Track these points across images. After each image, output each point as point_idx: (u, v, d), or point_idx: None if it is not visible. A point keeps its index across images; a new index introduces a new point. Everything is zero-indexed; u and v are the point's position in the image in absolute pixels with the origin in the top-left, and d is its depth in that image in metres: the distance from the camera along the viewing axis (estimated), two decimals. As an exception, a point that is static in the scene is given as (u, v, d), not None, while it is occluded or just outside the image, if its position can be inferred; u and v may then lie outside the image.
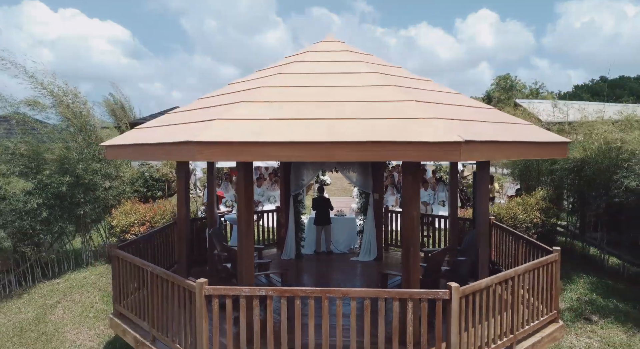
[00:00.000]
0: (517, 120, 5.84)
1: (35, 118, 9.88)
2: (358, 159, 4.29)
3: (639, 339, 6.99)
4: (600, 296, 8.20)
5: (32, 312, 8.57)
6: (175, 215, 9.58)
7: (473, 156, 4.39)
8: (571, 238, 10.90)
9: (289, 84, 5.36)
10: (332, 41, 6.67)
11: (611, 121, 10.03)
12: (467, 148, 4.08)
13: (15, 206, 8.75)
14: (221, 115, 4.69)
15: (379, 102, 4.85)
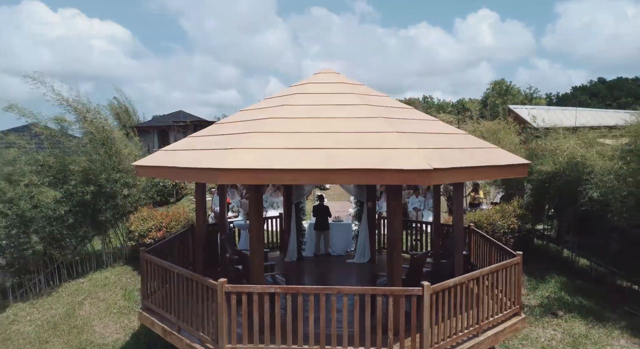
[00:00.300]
0: (486, 144, 6.88)
1: (63, 132, 10.87)
2: (351, 183, 5.36)
3: (596, 330, 8.03)
4: (568, 294, 9.23)
5: (62, 308, 9.60)
6: (189, 221, 10.63)
7: (442, 180, 5.44)
8: (547, 242, 11.93)
9: (293, 115, 6.39)
10: (329, 73, 7.69)
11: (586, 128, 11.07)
12: (437, 174, 5.12)
13: (45, 213, 9.77)
14: (238, 144, 5.72)
15: (368, 133, 5.88)
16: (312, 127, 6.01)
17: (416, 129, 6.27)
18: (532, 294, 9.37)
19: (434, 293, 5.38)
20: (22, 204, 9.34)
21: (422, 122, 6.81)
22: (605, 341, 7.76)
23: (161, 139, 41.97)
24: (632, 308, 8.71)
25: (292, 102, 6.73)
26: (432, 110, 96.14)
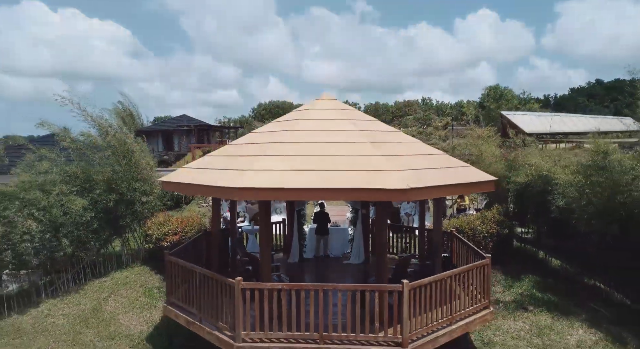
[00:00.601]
0: (459, 164, 8.06)
1: (88, 146, 12.04)
2: (344, 199, 6.52)
3: (560, 322, 9.21)
4: (539, 291, 10.40)
5: (89, 304, 10.78)
6: (202, 226, 11.83)
7: (418, 196, 6.63)
8: (526, 244, 13.11)
9: (297, 139, 7.57)
10: (327, 99, 8.88)
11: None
12: (413, 192, 6.31)
13: (74, 219, 10.95)
14: (250, 166, 6.91)
15: (358, 156, 7.06)
16: (312, 151, 7.19)
17: (399, 152, 7.45)
18: (507, 291, 10.56)
19: (412, 289, 6.56)
20: (55, 212, 10.52)
21: (405, 144, 7.99)
22: (566, 332, 8.94)
23: (165, 142, 43.23)
24: (595, 304, 9.89)
25: (296, 128, 7.91)
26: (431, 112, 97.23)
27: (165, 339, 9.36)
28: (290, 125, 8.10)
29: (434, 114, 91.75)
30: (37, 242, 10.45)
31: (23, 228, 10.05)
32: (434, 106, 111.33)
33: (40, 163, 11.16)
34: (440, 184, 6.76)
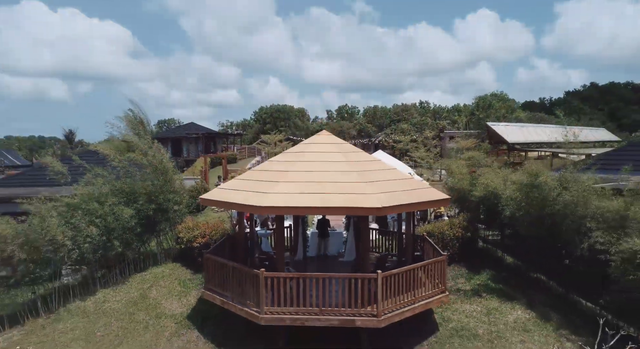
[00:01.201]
0: (423, 185, 10.84)
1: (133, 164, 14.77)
2: (337, 214, 9.27)
3: (504, 305, 11.97)
4: (493, 282, 13.16)
5: (136, 292, 13.53)
6: (224, 231, 14.58)
7: (390, 212, 9.42)
8: (490, 245, 15.86)
9: (302, 169, 10.32)
10: (325, 135, 11.66)
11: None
12: (386, 210, 9.09)
13: (123, 224, 13.70)
14: (270, 189, 9.67)
15: (346, 183, 9.82)
16: (314, 178, 9.95)
17: (377, 178, 10.22)
18: (468, 283, 13.32)
19: (384, 277, 9.32)
20: (109, 219, 13.28)
21: (382, 171, 10.75)
22: (508, 312, 11.71)
23: (174, 149, 46.00)
24: (534, 292, 12.64)
25: (302, 159, 10.68)
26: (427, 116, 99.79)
27: (200, 318, 12.10)
28: (298, 156, 10.86)
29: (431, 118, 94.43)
30: (95, 244, 13.23)
31: (86, 232, 12.81)
32: (431, 109, 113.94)
33: (96, 179, 13.91)
34: (405, 203, 9.53)
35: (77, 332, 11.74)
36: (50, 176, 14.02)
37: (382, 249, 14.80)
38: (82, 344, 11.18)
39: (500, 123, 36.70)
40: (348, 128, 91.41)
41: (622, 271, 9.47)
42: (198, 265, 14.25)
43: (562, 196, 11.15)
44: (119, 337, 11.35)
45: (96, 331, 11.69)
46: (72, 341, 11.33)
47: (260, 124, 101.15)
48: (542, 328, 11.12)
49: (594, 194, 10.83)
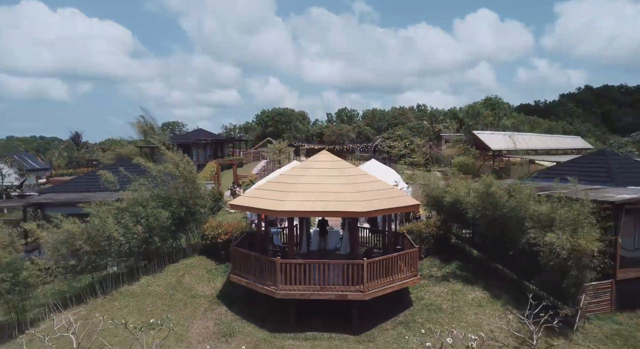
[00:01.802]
0: (401, 194, 14.08)
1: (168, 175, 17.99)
2: (334, 216, 12.55)
3: (466, 288, 15.17)
4: (459, 271, 16.38)
5: (173, 279, 16.75)
6: (242, 229, 17.80)
7: (374, 215, 12.71)
8: (462, 241, 19.07)
9: (307, 182, 13.57)
10: (325, 155, 14.90)
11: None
12: (370, 213, 12.38)
13: (161, 224, 16.92)
14: (284, 198, 12.92)
15: (342, 192, 13.07)
16: (316, 189, 13.19)
17: (366, 189, 13.45)
18: (439, 271, 16.55)
19: (369, 263, 12.57)
20: (150, 220, 16.52)
21: (370, 183, 13.98)
22: (468, 293, 14.93)
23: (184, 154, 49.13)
24: (491, 277, 15.87)
25: (307, 174, 13.93)
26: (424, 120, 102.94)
27: (226, 298, 15.33)
28: (303, 172, 14.11)
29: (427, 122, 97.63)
30: (141, 239, 16.46)
31: (133, 230, 16.05)
32: (428, 113, 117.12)
33: (140, 187, 17.14)
34: (385, 208, 12.77)
35: (131, 308, 14.98)
36: (103, 184, 17.28)
37: (371, 244, 18.05)
38: (136, 317, 14.40)
39: (485, 132, 39.88)
40: (347, 131, 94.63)
41: (546, 258, 12.73)
42: (221, 257, 17.51)
43: (509, 202, 14.40)
44: (164, 311, 14.57)
45: (146, 307, 14.93)
46: (128, 314, 14.56)
47: (262, 126, 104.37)
48: (493, 305, 14.38)
49: (532, 200, 14.07)
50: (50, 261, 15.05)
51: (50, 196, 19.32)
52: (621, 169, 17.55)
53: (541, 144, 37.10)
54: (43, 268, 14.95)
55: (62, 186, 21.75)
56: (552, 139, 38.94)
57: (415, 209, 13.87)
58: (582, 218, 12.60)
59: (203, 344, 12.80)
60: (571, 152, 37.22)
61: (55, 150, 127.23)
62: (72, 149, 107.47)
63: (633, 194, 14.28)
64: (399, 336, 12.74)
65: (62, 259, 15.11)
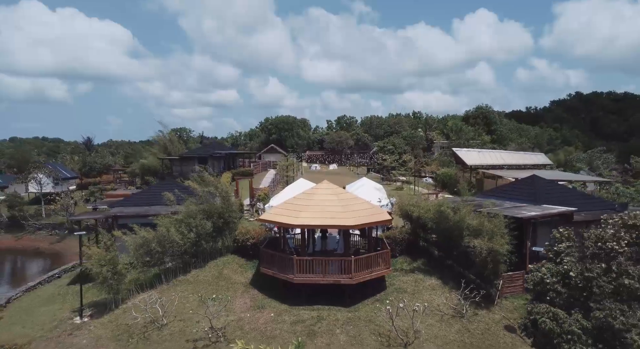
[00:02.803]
0: (379, 211, 20.37)
1: (210, 194, 24.25)
2: (331, 228, 18.88)
3: (426, 278, 21.44)
4: (423, 266, 22.64)
5: (215, 271, 23.02)
6: (266, 234, 24.07)
7: (359, 228, 19.05)
8: (427, 244, 25.29)
9: (312, 204, 19.86)
10: (326, 184, 21.21)
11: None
12: (356, 226, 18.71)
13: (206, 232, 23.18)
14: (296, 215, 19.24)
15: (338, 211, 19.37)
16: (319, 210, 19.48)
17: (354, 208, 19.72)
18: (408, 266, 22.79)
19: (356, 259, 18.86)
20: (199, 228, 22.80)
21: (358, 204, 20.24)
22: (427, 281, 21.20)
23: (201, 165, 55.41)
24: (444, 270, 22.13)
25: (313, 198, 20.22)
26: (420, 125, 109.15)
27: (257, 284, 21.57)
28: (310, 196, 20.39)
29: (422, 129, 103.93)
30: (192, 243, 22.74)
31: (188, 236, 22.34)
32: (423, 119, 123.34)
33: (190, 203, 23.41)
34: (367, 222, 19.05)
35: (188, 291, 21.25)
36: (164, 201, 23.59)
37: (359, 246, 24.32)
38: (194, 297, 20.64)
39: (462, 149, 46.00)
40: (346, 138, 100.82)
41: (475, 256, 19.02)
42: (249, 256, 23.77)
43: (454, 217, 20.68)
44: (213, 293, 20.81)
45: (199, 291, 21.20)
46: (188, 295, 20.83)
47: (266, 133, 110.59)
48: (443, 289, 20.65)
49: (468, 216, 20.34)
50: (132, 257, 21.36)
51: (121, 209, 25.58)
52: (544, 191, 23.82)
53: (510, 159, 43.30)
54: (128, 262, 21.28)
55: (128, 200, 27.97)
56: (519, 155, 45.16)
57: (388, 223, 20.17)
58: (497, 229, 18.89)
59: (245, 313, 19.12)
60: (535, 167, 43.42)
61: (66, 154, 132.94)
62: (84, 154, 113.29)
63: (540, 211, 20.57)
64: (374, 308, 19.03)
65: (140, 257, 21.43)
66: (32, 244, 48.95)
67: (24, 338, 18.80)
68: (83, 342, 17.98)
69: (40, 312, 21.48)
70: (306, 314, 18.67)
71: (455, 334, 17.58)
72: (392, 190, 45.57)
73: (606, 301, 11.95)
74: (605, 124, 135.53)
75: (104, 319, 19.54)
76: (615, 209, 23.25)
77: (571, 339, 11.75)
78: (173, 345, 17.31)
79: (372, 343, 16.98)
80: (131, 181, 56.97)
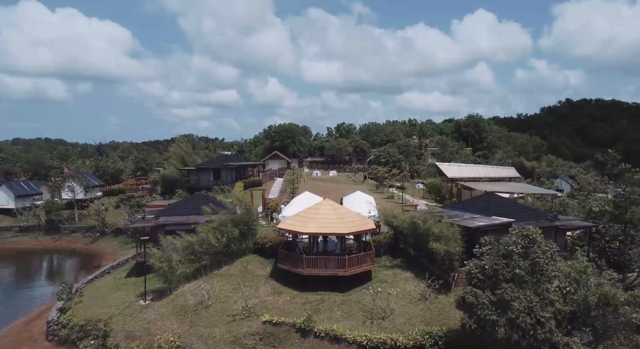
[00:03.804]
0: (367, 221, 27.35)
1: (234, 210, 31.22)
2: (332, 235, 25.89)
3: (401, 272, 28.40)
4: (401, 263, 29.58)
5: (241, 267, 29.99)
6: (282, 239, 31.06)
7: (351, 234, 26.09)
8: (407, 246, 32.22)
9: (317, 217, 26.84)
10: (327, 202, 28.18)
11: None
12: (349, 234, 25.73)
13: (234, 236, 30.11)
14: (306, 225, 26.24)
15: (335, 222, 26.34)
16: (322, 222, 26.44)
17: (348, 220, 26.67)
18: (390, 263, 29.74)
19: (349, 258, 25.82)
20: (229, 234, 29.78)
21: (350, 216, 27.18)
22: (402, 274, 28.14)
23: (215, 175, 62.44)
24: (419, 266, 29.08)
25: (317, 213, 27.19)
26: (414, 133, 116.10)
27: (275, 276, 28.51)
28: (315, 211, 27.34)
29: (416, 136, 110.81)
30: (224, 245, 29.66)
31: (221, 240, 29.32)
32: (418, 126, 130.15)
33: (223, 215, 30.36)
34: (357, 230, 26.00)
35: (223, 282, 28.19)
36: (199, 211, 30.58)
37: (353, 247, 31.23)
38: (228, 286, 27.57)
39: (444, 163, 52.81)
40: (345, 146, 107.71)
41: (437, 256, 25.99)
42: (268, 255, 30.69)
43: (422, 226, 27.63)
44: (242, 283, 27.71)
45: (231, 281, 28.14)
46: (223, 285, 27.78)
47: (269, 140, 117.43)
48: (414, 280, 27.60)
49: (433, 225, 27.28)
50: (181, 256, 28.32)
51: (167, 218, 32.55)
52: (495, 206, 30.74)
53: (484, 173, 50.18)
54: (178, 259, 28.25)
55: (168, 210, 34.91)
56: (492, 169, 52.08)
57: (374, 230, 27.12)
58: (452, 235, 25.83)
59: (267, 297, 26.08)
60: (504, 179, 50.34)
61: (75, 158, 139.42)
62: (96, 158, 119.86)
63: (487, 222, 27.52)
64: (362, 293, 25.96)
65: (187, 255, 28.39)
66: (68, 245, 55.99)
67: (105, 315, 25.76)
68: (152, 317, 24.94)
69: (111, 297, 28.47)
70: (312, 297, 25.60)
71: (419, 311, 24.53)
72: (383, 198, 52.65)
73: (504, 284, 18.75)
74: (592, 131, 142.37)
75: (163, 302, 26.49)
76: (548, 218, 30.28)
77: (482, 308, 18.54)
78: (218, 319, 24.25)
79: (360, 317, 23.92)
80: (152, 188, 63.84)
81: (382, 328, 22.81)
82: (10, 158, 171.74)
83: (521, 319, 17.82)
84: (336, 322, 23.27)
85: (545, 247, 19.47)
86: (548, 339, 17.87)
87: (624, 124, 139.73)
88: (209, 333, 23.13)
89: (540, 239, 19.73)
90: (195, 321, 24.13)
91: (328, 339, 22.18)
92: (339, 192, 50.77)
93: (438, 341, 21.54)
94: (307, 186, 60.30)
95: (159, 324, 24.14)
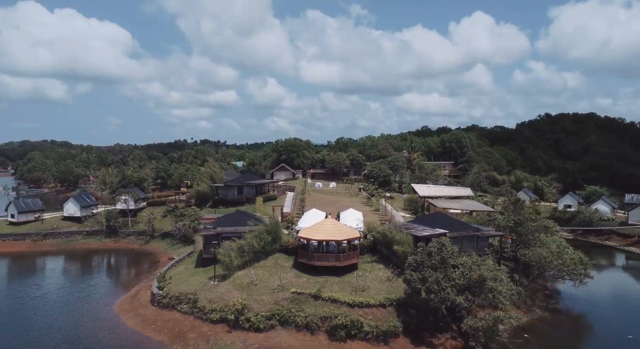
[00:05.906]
0: (355, 232, 43.32)
1: (264, 223, 47.10)
2: (332, 241, 41.93)
3: (378, 265, 44.25)
4: (378, 260, 45.42)
5: (273, 261, 45.82)
6: (299, 242, 47.01)
7: (344, 241, 42.22)
8: (381, 247, 47.98)
9: (322, 230, 42.78)
10: (330, 220, 44.10)
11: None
12: (342, 239, 41.78)
13: (266, 242, 45.95)
14: (315, 234, 42.21)
15: (333, 232, 42.27)
16: (325, 232, 42.36)
17: (343, 231, 42.53)
18: (370, 259, 45.56)
19: (343, 255, 41.72)
20: (264, 239, 45.70)
21: (345, 228, 43.05)
22: (377, 266, 44.02)
23: (238, 191, 78.17)
24: (392, 264, 44.94)
25: (322, 227, 43.11)
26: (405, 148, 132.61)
27: (296, 267, 44.31)
28: (320, 226, 43.22)
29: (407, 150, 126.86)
30: (263, 246, 45.57)
31: (260, 244, 45.27)
32: (408, 142, 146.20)
33: (258, 228, 46.22)
34: (348, 237, 41.89)
35: (263, 271, 44.12)
36: (243, 223, 46.60)
37: (347, 248, 47.03)
38: (266, 273, 43.43)
39: (417, 184, 68.45)
40: (343, 159, 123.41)
41: (398, 254, 41.92)
42: (289, 253, 46.57)
43: (389, 235, 43.54)
44: (275, 270, 43.50)
45: (267, 270, 44.13)
46: (263, 272, 43.66)
47: (277, 154, 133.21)
48: (384, 269, 43.46)
49: (397, 234, 43.15)
50: (235, 254, 44.23)
51: (223, 228, 48.49)
52: (439, 221, 46.58)
53: (448, 191, 66.00)
54: (234, 256, 44.14)
55: (223, 221, 50.78)
56: (453, 189, 67.91)
57: (359, 238, 43.09)
58: (407, 241, 41.78)
59: (292, 279, 41.95)
60: (461, 197, 66.12)
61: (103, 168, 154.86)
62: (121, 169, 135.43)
63: (430, 232, 43.45)
64: (351, 276, 41.71)
65: (239, 253, 44.34)
66: (127, 246, 71.82)
67: (191, 290, 41.67)
68: (222, 290, 40.82)
69: (190, 280, 44.40)
70: (320, 279, 41.44)
71: (385, 287, 40.36)
72: (371, 211, 68.60)
73: (425, 268, 34.55)
74: (565, 145, 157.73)
75: (226, 282, 42.37)
76: (472, 229, 46.23)
77: (414, 281, 34.46)
78: (263, 291, 40.10)
79: (349, 290, 39.71)
80: (189, 201, 79.64)
81: (362, 296, 38.71)
82: (40, 166, 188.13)
83: (432, 287, 33.82)
84: (335, 292, 39.17)
85: (451, 248, 35.49)
86: (447, 298, 33.84)
87: (594, 138, 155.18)
88: (260, 298, 39.04)
89: (448, 245, 35.76)
90: (250, 293, 40.04)
91: (330, 301, 38.04)
92: (337, 205, 66.88)
93: (393, 302, 37.48)
94: (311, 199, 76.20)
95: (228, 294, 40.04)
